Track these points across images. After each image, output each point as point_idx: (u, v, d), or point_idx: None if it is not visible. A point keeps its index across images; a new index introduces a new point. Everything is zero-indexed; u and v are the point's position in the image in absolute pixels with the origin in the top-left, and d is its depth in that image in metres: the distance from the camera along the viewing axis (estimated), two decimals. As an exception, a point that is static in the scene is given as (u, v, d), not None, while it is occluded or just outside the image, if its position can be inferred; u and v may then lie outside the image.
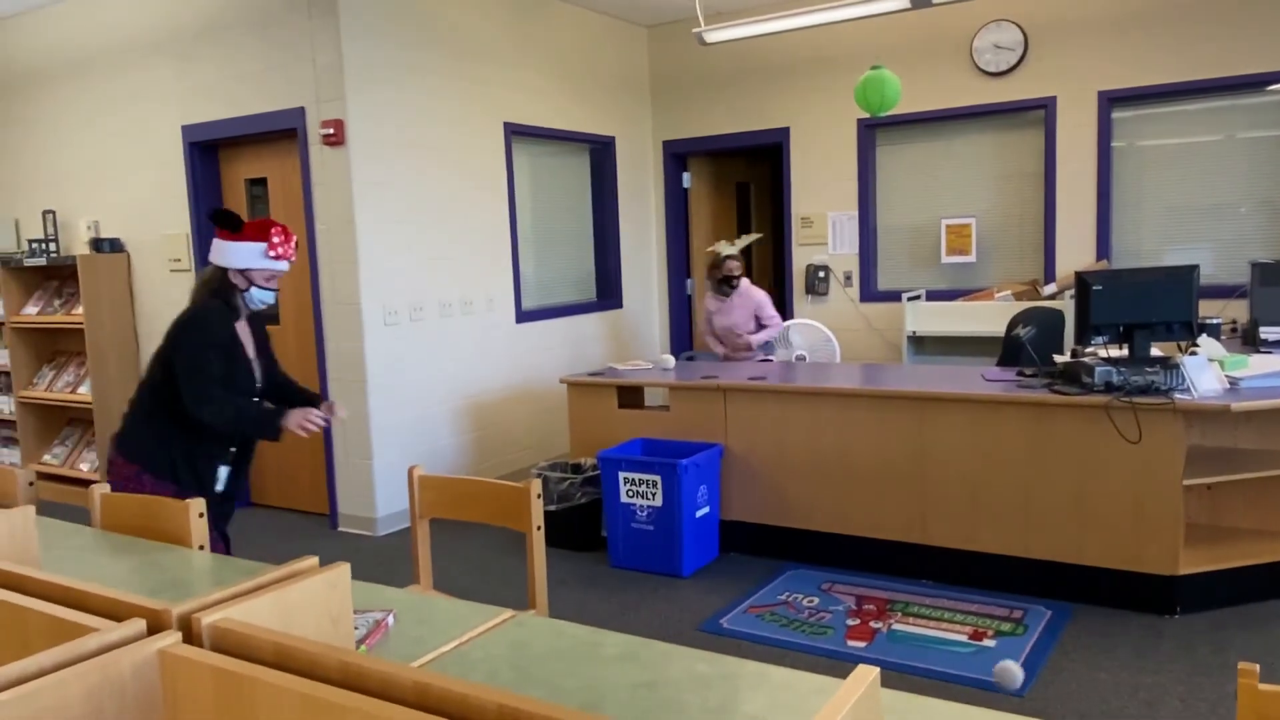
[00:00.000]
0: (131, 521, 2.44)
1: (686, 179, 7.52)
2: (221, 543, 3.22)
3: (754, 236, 6.20)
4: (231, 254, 2.98)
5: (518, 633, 1.72)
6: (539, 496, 2.54)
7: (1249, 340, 4.71)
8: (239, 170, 5.62)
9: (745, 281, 5.82)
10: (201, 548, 2.34)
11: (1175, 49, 5.61)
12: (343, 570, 1.38)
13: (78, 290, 5.89)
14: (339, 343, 5.16)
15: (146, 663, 1.13)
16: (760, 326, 5.79)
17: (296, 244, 3.24)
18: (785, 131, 6.91)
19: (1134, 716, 2.94)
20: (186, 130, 5.55)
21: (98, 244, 5.89)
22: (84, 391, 5.97)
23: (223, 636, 1.17)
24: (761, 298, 5.81)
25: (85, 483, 5.85)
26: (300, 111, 5.07)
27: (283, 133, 5.24)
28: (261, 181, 5.54)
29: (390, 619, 1.74)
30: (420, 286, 5.40)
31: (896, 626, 3.66)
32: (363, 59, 5.01)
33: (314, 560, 1.40)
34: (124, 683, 1.11)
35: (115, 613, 1.22)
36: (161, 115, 5.66)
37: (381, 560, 4.77)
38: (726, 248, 5.76)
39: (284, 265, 3.04)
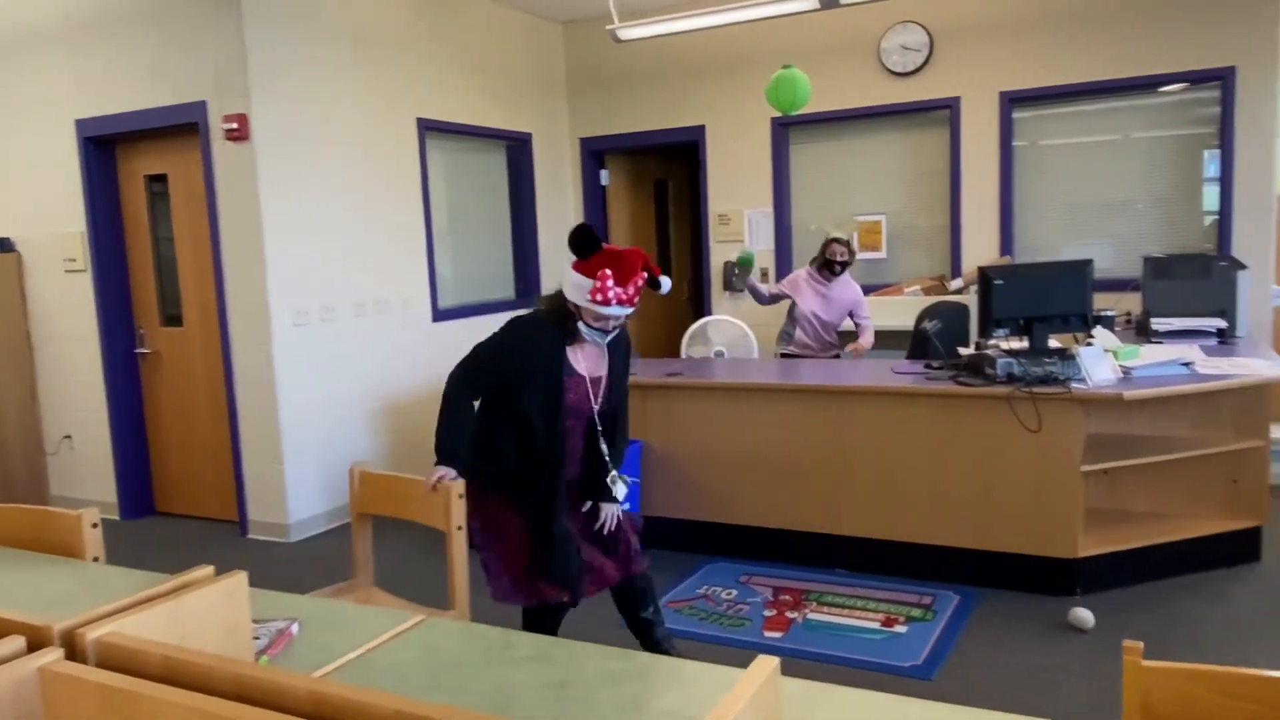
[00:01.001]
0: (21, 534, 2.32)
1: (605, 176, 7.52)
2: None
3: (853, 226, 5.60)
4: (567, 282, 2.77)
5: (428, 636, 1.70)
6: (461, 496, 2.54)
7: (1142, 331, 4.93)
8: (138, 166, 5.41)
9: (849, 276, 5.32)
10: (96, 559, 2.24)
11: (1073, 51, 5.84)
12: (240, 579, 1.34)
13: (-36, 292, 5.59)
14: (246, 345, 5.01)
15: (26, 682, 1.08)
16: (838, 332, 5.33)
17: (643, 284, 2.78)
18: (701, 129, 6.97)
19: (1038, 696, 3.05)
20: (81, 125, 5.31)
21: (-15, 244, 5.61)
22: (-28, 399, 5.68)
23: (109, 652, 1.12)
24: (859, 295, 5.33)
25: (-25, 495, 5.56)
26: (202, 105, 4.91)
27: (184, 127, 5.06)
28: (162, 178, 5.34)
29: (294, 628, 1.70)
30: (332, 286, 5.28)
31: (811, 616, 3.72)
32: (267, 51, 4.87)
33: (209, 570, 1.36)
34: (1, 703, 1.06)
35: (-9, 631, 1.17)
36: (54, 109, 5.41)
37: (294, 567, 4.66)
38: (834, 230, 5.27)
39: (612, 310, 2.72)
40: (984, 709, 1.36)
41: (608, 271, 2.68)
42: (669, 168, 8.22)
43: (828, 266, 5.21)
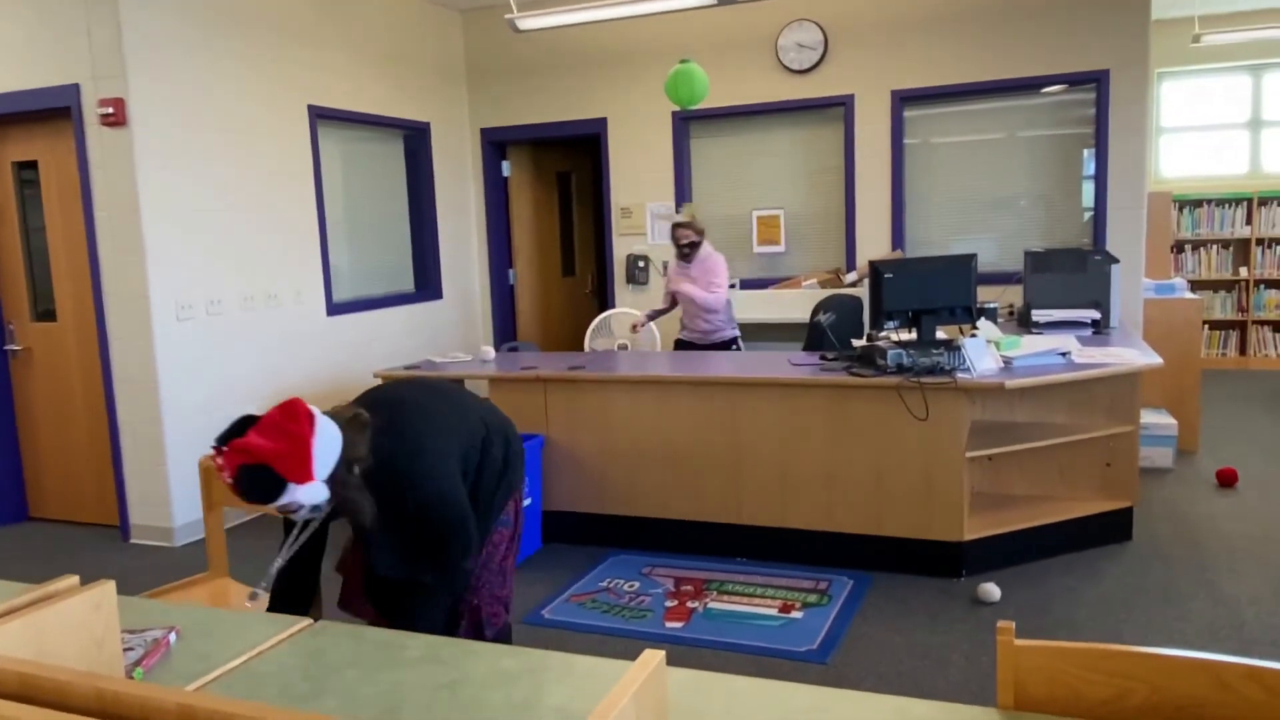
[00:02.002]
0: None
1: (506, 168, 7.44)
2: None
3: (694, 206, 5.73)
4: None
5: (313, 642, 1.65)
6: None
7: (1023, 322, 5.15)
8: (5, 153, 5.09)
9: (710, 250, 5.37)
10: (-44, 571, 2.11)
11: (961, 53, 6.04)
12: (107, 589, 1.28)
13: None
14: (125, 340, 4.78)
15: None
16: (705, 309, 5.37)
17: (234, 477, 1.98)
18: (603, 122, 6.96)
19: (926, 674, 3.16)
20: (-61, 106, 4.97)
21: None
22: None
23: (-42, 671, 1.05)
24: (715, 265, 5.32)
25: None
26: (75, 89, 4.65)
27: (55, 111, 4.79)
28: (32, 165, 5.04)
29: (172, 636, 1.63)
30: (218, 278, 5.08)
31: (712, 605, 3.77)
32: (146, 32, 4.64)
33: (74, 579, 1.29)
34: None
35: None
36: (-93, 89, 5.05)
37: (180, 572, 4.47)
38: (676, 215, 5.37)
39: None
40: (873, 691, 1.40)
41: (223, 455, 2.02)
42: (572, 160, 8.18)
43: (679, 252, 5.37)
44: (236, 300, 5.19)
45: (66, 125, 4.82)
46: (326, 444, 1.98)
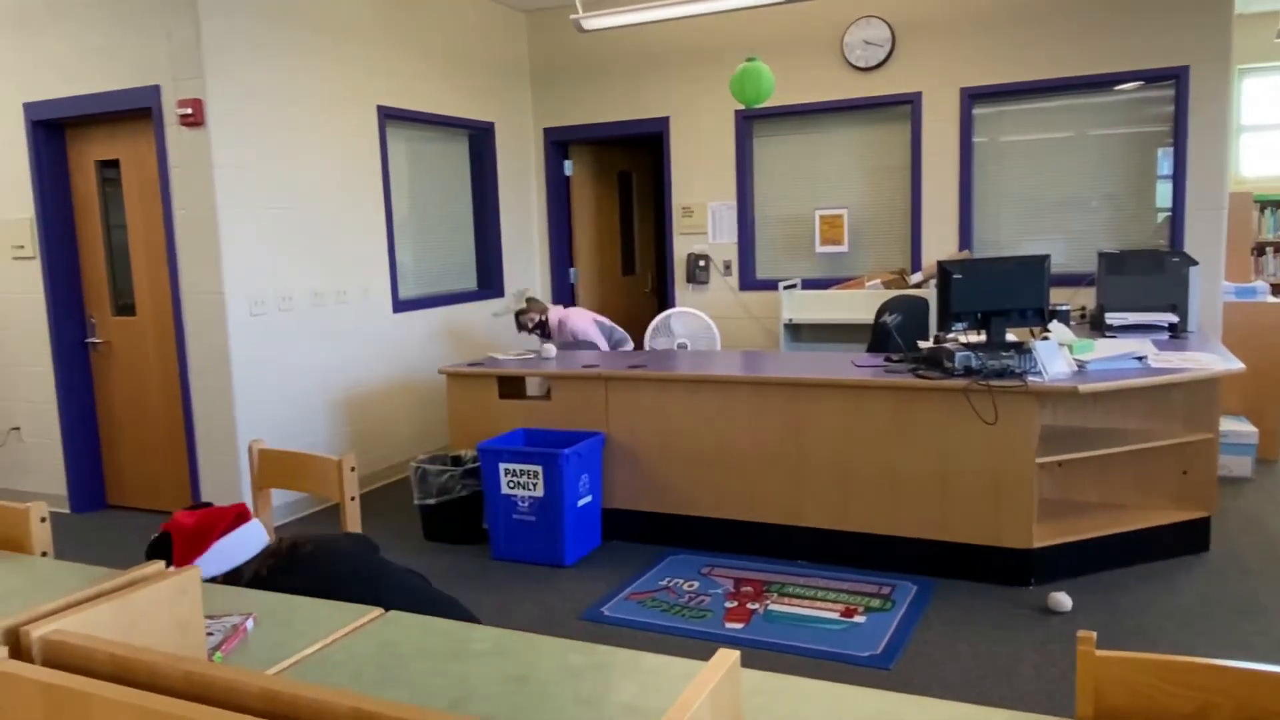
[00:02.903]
0: (-36, 529, 2.26)
1: (568, 167, 7.48)
2: None
3: (525, 290, 5.96)
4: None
5: (385, 631, 1.68)
6: (353, 470, 2.74)
7: (1096, 325, 5.02)
8: (89, 152, 5.28)
9: (556, 315, 5.69)
10: (44, 554, 2.19)
11: (1033, 49, 5.91)
12: (193, 574, 1.32)
13: (-94, 279, 5.43)
14: (201, 335, 4.92)
15: (-34, 682, 1.05)
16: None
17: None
18: (665, 121, 6.96)
19: (993, 684, 3.10)
20: (29, 108, 5.17)
21: (-72, 229, 5.44)
22: (-85, 389, 5.52)
23: (55, 650, 1.09)
24: (576, 325, 5.62)
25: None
26: (155, 90, 4.80)
27: (136, 112, 4.95)
28: (114, 164, 5.22)
29: (249, 623, 1.67)
30: (289, 275, 5.20)
31: (772, 607, 3.75)
32: (223, 35, 4.77)
33: (160, 565, 1.33)
34: (-60, 705, 1.03)
35: (-69, 630, 1.13)
36: (1, 91, 5.26)
37: (251, 560, 4.58)
38: (504, 312, 5.75)
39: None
40: (941, 698, 1.38)
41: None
42: (633, 159, 8.20)
43: (536, 331, 5.74)
44: (306, 296, 5.31)
45: (147, 125, 4.98)
46: (235, 545, 2.12)
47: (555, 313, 5.73)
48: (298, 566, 2.18)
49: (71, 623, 1.14)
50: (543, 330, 5.73)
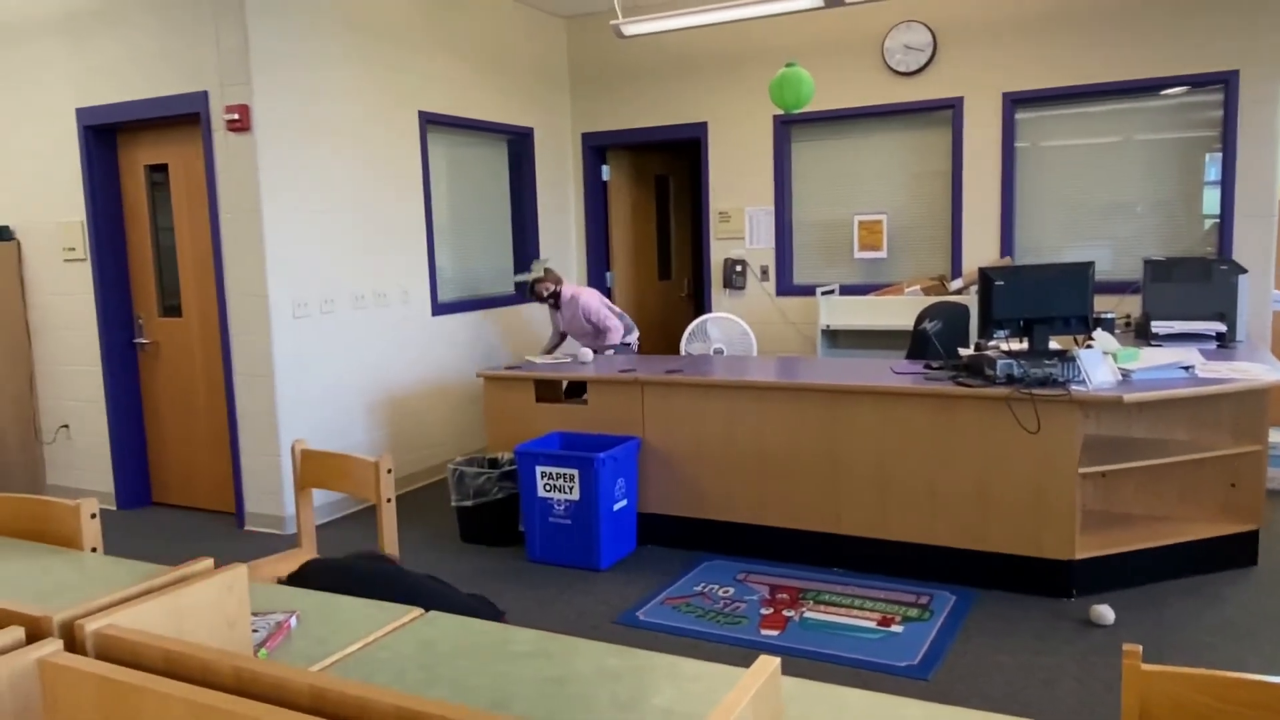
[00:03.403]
0: (18, 524, 2.32)
1: (606, 172, 7.51)
2: None
3: (544, 260, 6.11)
4: None
5: (426, 631, 1.69)
6: (389, 471, 2.79)
7: (1141, 334, 4.93)
8: (138, 156, 5.40)
9: (569, 291, 5.84)
10: (94, 550, 2.24)
11: (1077, 53, 5.83)
12: (240, 572, 1.34)
13: (-38, 280, 5.58)
14: (245, 336, 5.00)
15: (25, 673, 1.08)
16: (598, 330, 5.80)
17: None
18: (703, 126, 6.96)
19: (1033, 697, 3.06)
20: (81, 113, 5.30)
21: (-16, 231, 5.60)
22: (-30, 387, 5.67)
23: (108, 644, 1.12)
24: (588, 303, 5.78)
25: (-28, 483, 5.56)
26: (203, 95, 4.89)
27: (185, 117, 5.05)
28: (162, 168, 5.33)
29: (293, 620, 1.70)
30: (331, 278, 5.27)
31: (808, 615, 3.73)
32: (270, 42, 4.86)
33: (209, 562, 1.36)
34: (0, 695, 1.06)
35: (-10, 622, 1.16)
36: (55, 97, 5.39)
37: (291, 559, 4.65)
38: (523, 277, 5.96)
39: None
40: (980, 710, 1.36)
41: None
42: (670, 164, 8.21)
43: (546, 301, 5.88)
44: (348, 299, 5.38)
45: (195, 130, 5.07)
46: None
47: (569, 288, 5.86)
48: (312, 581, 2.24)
49: (124, 617, 1.16)
50: (555, 301, 5.87)
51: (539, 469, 4.39)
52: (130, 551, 4.80)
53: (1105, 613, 3.54)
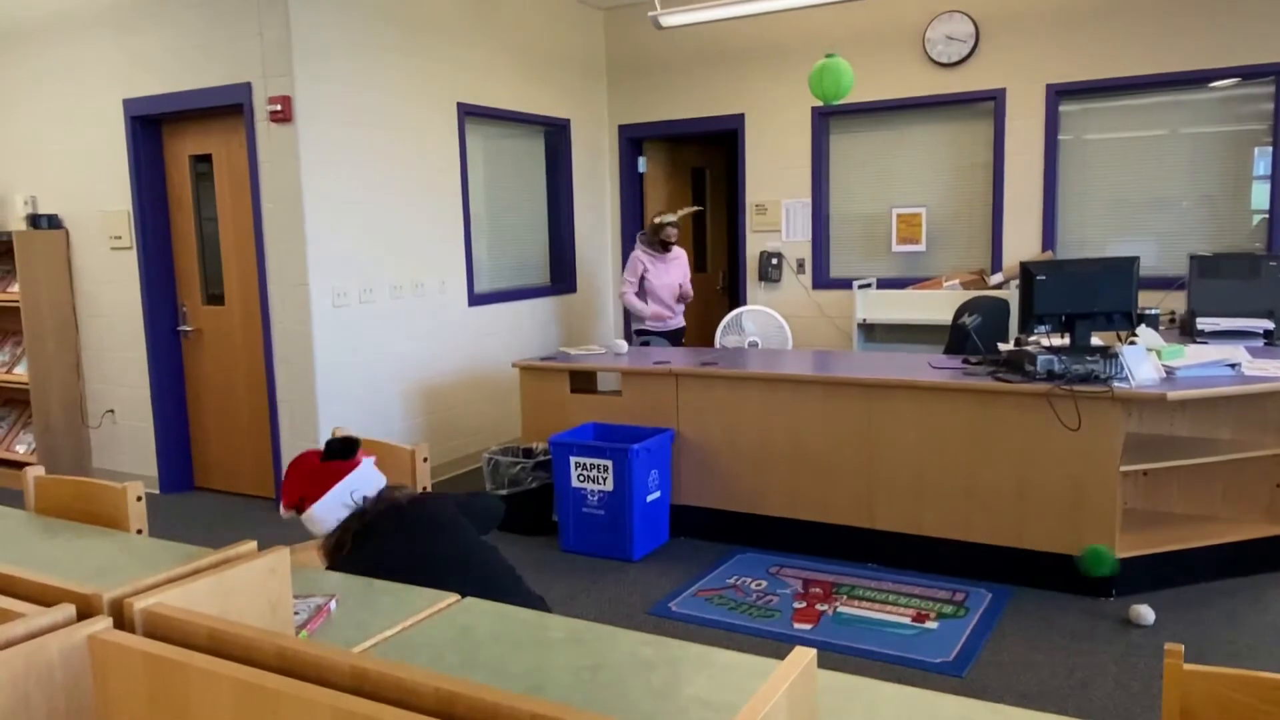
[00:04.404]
0: (67, 505, 2.38)
1: (642, 163, 7.50)
2: None
3: (693, 209, 6.40)
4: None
5: (463, 617, 1.71)
6: (425, 460, 2.81)
7: (1186, 331, 4.84)
8: (183, 146, 5.49)
9: (679, 248, 6.02)
10: (139, 531, 2.29)
11: (1122, 44, 5.72)
12: (282, 555, 1.36)
13: (13, 267, 5.71)
14: (286, 325, 5.07)
15: (76, 649, 1.10)
16: (683, 295, 6.03)
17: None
18: (740, 118, 6.92)
19: (1069, 696, 3.02)
20: (128, 104, 5.40)
21: (35, 220, 5.72)
22: (20, 372, 5.81)
23: (156, 622, 1.14)
24: (686, 263, 6.07)
25: (20, 465, 5.69)
26: (247, 87, 4.96)
27: (229, 108, 5.12)
28: (206, 158, 5.42)
29: (333, 604, 1.72)
30: (370, 268, 5.33)
31: (842, 609, 3.71)
32: (311, 34, 4.91)
33: (252, 544, 1.38)
34: (52, 670, 1.09)
35: (43, 598, 1.19)
36: (102, 88, 5.50)
37: (329, 545, 4.71)
38: (668, 216, 5.95)
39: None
40: (1016, 707, 1.35)
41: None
42: (707, 156, 8.18)
43: (663, 245, 5.87)
44: (386, 289, 5.43)
45: (238, 121, 5.15)
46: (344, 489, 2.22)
47: (679, 249, 6.02)
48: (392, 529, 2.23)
49: (171, 597, 1.19)
50: (669, 248, 5.92)
51: (573, 459, 4.41)
52: (173, 534, 4.90)
53: (1145, 613, 3.49)
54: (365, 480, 2.25)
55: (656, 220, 5.90)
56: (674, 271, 5.97)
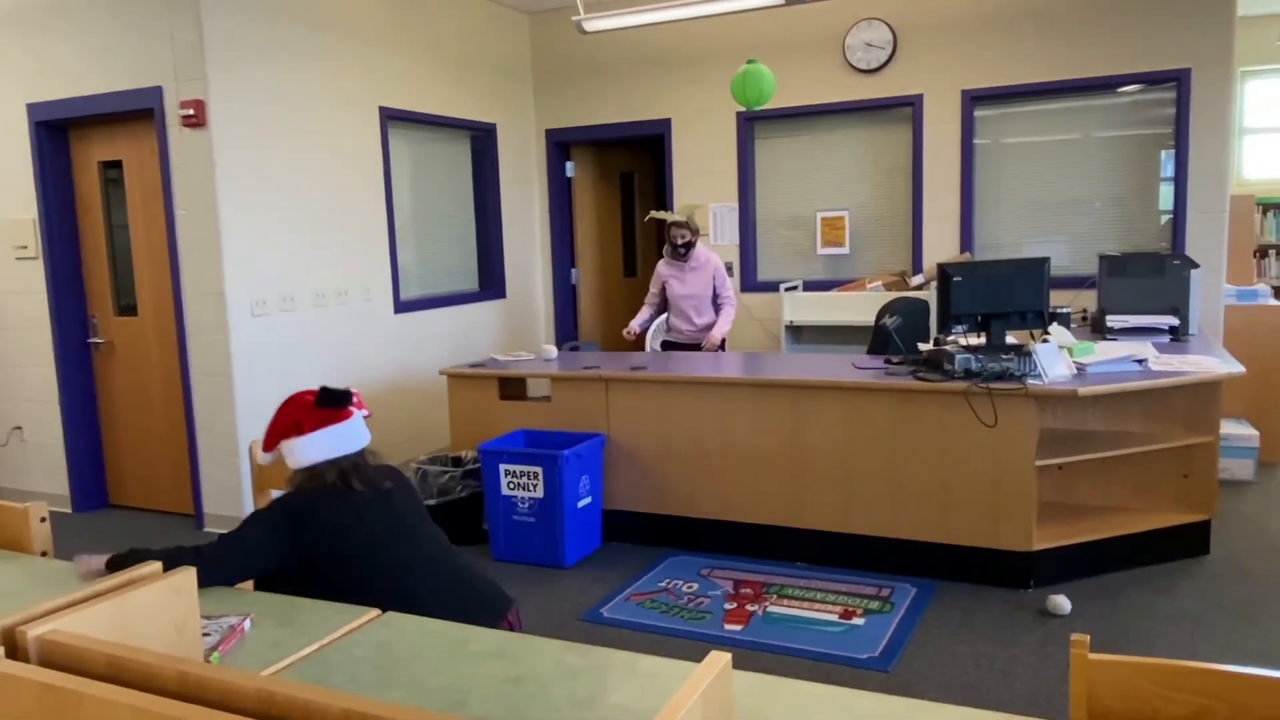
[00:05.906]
0: (-35, 528, 2.27)
1: (570, 168, 7.49)
2: None
3: (696, 206, 5.83)
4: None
5: (382, 633, 1.68)
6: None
7: (1097, 328, 5.01)
8: (92, 152, 5.29)
9: (702, 248, 5.49)
10: (44, 554, 2.20)
11: (1035, 51, 5.91)
12: (188, 575, 1.32)
13: (-91, 279, 5.44)
14: (202, 335, 4.93)
15: (-37, 682, 1.05)
16: (715, 305, 5.48)
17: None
18: (667, 123, 6.96)
19: (992, 687, 3.10)
20: (32, 109, 5.19)
21: (-69, 229, 5.46)
22: (-82, 388, 5.53)
23: (51, 650, 1.10)
24: (721, 269, 5.48)
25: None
26: (158, 91, 4.81)
27: (139, 113, 4.96)
28: (117, 164, 5.23)
29: (247, 624, 1.68)
30: (291, 276, 5.21)
31: (771, 609, 3.75)
32: (225, 36, 4.78)
33: (157, 566, 1.34)
34: (-63, 705, 1.04)
35: (-72, 630, 1.14)
36: (4, 92, 5.27)
37: (252, 560, 4.59)
38: (667, 215, 5.46)
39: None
40: (938, 701, 1.38)
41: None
42: (635, 160, 8.20)
43: (676, 251, 5.41)
44: (308, 297, 5.32)
45: (149, 126, 4.99)
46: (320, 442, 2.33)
47: (703, 247, 5.49)
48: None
49: (68, 623, 1.14)
50: (685, 251, 5.38)
51: (503, 467, 4.37)
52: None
53: (1062, 603, 3.60)
54: (353, 431, 2.37)
55: (657, 220, 5.44)
56: (693, 282, 5.43)
